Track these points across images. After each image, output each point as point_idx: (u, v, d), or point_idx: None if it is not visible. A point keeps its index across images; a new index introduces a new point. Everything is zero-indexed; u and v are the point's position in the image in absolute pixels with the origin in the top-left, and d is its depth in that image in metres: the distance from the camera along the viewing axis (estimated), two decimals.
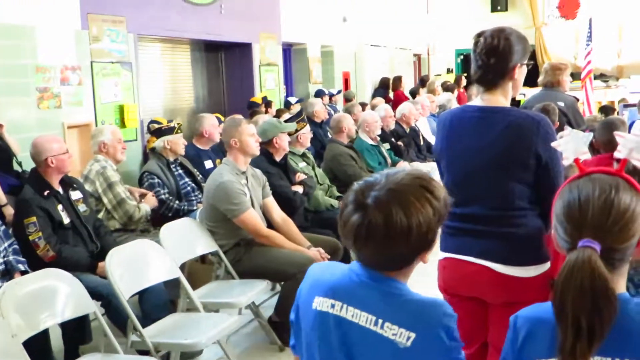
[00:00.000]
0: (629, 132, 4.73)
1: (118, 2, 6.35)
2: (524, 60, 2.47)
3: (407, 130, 8.07)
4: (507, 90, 2.47)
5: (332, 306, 1.61)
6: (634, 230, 1.40)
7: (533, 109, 4.86)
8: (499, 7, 15.59)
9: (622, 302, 1.40)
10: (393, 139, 7.61)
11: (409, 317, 1.55)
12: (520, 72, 2.47)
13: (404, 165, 7.07)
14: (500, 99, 2.46)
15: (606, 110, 8.50)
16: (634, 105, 8.96)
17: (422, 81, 12.65)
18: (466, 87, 12.18)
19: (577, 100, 6.03)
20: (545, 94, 5.74)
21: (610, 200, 1.40)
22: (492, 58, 2.39)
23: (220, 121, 6.22)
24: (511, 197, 2.40)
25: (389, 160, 7.08)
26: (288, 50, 10.46)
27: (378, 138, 7.09)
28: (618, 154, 1.50)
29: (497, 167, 2.41)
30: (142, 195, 4.86)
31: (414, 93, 11.50)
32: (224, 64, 9.05)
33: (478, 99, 2.51)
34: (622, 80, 13.91)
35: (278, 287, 4.75)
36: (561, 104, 5.51)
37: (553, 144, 1.61)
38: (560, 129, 4.64)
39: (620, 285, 1.47)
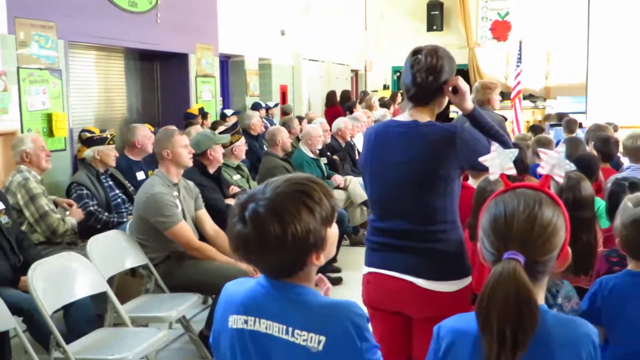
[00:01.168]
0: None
1: (48, 7, 6.15)
2: (451, 77, 2.52)
3: (343, 145, 8.13)
4: (434, 107, 2.53)
5: (246, 322, 1.61)
6: (555, 244, 1.46)
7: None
8: (434, 27, 15.92)
9: (541, 313, 1.44)
10: (329, 153, 7.66)
11: (317, 321, 1.56)
12: (447, 90, 2.52)
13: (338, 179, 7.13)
14: (427, 115, 2.50)
15: (535, 129, 8.77)
16: (559, 124, 9.29)
17: (345, 97, 12.78)
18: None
19: (506, 119, 6.19)
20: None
21: (534, 214, 1.45)
22: (430, 76, 2.43)
23: (152, 132, 6.12)
24: (434, 212, 2.44)
25: (326, 174, 7.12)
26: (225, 62, 10.40)
27: (317, 152, 7.13)
28: (541, 170, 1.55)
29: (419, 182, 2.44)
30: (70, 205, 4.72)
31: (350, 108, 11.61)
32: (159, 74, 8.92)
33: (406, 113, 2.54)
34: (549, 101, 14.40)
35: (210, 301, 4.69)
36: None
37: (480, 159, 1.64)
38: None
39: (540, 297, 1.52)
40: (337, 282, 5.86)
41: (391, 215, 2.49)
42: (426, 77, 2.43)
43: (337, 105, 11.81)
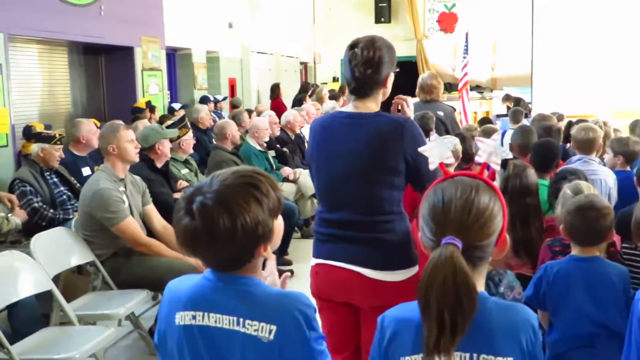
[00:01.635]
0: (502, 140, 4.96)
1: None
2: (392, 69, 2.54)
3: (292, 137, 8.12)
4: (378, 97, 2.54)
5: (194, 317, 1.61)
6: (493, 229, 1.49)
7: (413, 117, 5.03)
8: (382, 19, 16.02)
9: (481, 300, 1.47)
10: (278, 146, 7.65)
11: (267, 311, 1.58)
12: (389, 80, 2.54)
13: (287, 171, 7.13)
14: (371, 106, 2.52)
15: (484, 120, 8.91)
16: (506, 115, 9.47)
17: (305, 88, 12.77)
18: None
19: (455, 110, 6.30)
20: (426, 102, 5.94)
21: (470, 200, 1.48)
22: (368, 70, 2.44)
23: (98, 127, 6.00)
24: (380, 203, 2.46)
25: (274, 167, 7.11)
26: (172, 55, 10.26)
27: (265, 144, 7.11)
28: (479, 158, 1.58)
29: (365, 173, 2.46)
30: (11, 201, 4.59)
31: (300, 100, 11.59)
32: (104, 68, 8.74)
33: (350, 105, 2.55)
34: (495, 92, 14.66)
35: (160, 297, 4.64)
36: (440, 113, 5.73)
37: (420, 149, 1.67)
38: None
39: (480, 283, 1.55)
40: None
41: (338, 206, 2.50)
42: (364, 71, 2.44)
43: (279, 98, 11.74)
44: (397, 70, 2.61)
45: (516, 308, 1.58)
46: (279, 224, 1.66)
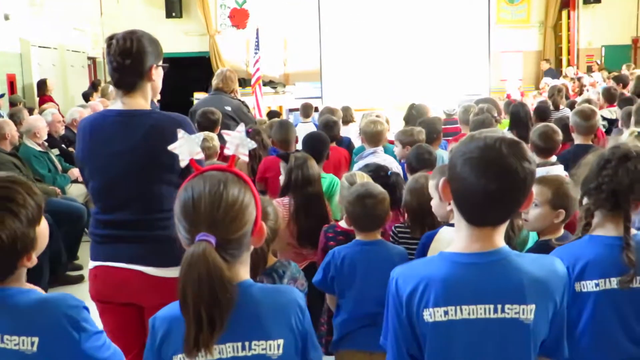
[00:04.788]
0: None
1: None
2: (158, 62, 2.52)
3: None
4: (146, 92, 2.50)
5: None
6: (245, 220, 1.52)
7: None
8: (173, 14, 15.68)
9: (245, 287, 1.52)
10: (63, 145, 7.24)
11: (27, 323, 1.53)
12: (157, 74, 2.52)
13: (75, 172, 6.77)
14: (141, 102, 2.48)
15: (271, 113, 9.08)
16: (297, 109, 9.77)
17: (94, 85, 12.22)
18: None
19: (245, 105, 6.37)
20: (213, 98, 5.96)
21: (219, 194, 1.49)
22: (126, 60, 2.40)
23: None
24: (158, 200, 2.44)
25: (60, 167, 6.72)
26: None
27: (46, 144, 6.69)
28: (227, 150, 1.62)
29: (142, 171, 2.43)
30: None
31: (86, 96, 11.05)
32: None
33: (118, 102, 2.50)
34: (288, 87, 15.06)
35: None
36: (228, 108, 5.78)
37: (169, 147, 1.67)
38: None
39: (243, 273, 1.57)
40: (78, 280, 5.60)
41: (115, 206, 2.45)
42: (122, 61, 2.41)
43: (47, 95, 11.09)
44: (167, 65, 2.59)
45: (282, 290, 1.66)
46: (42, 227, 1.60)
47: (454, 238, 1.71)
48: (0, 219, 1.48)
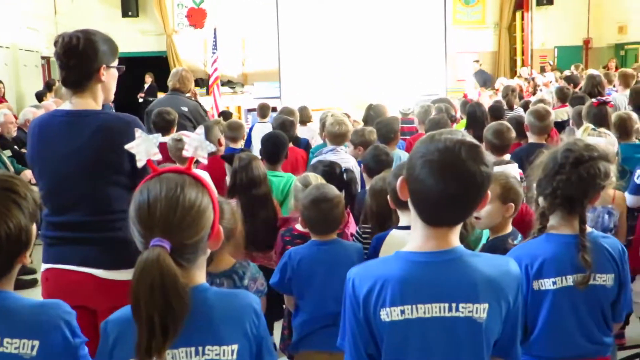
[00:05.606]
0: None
1: None
2: (110, 63, 2.48)
3: None
4: (96, 93, 2.46)
5: None
6: (203, 224, 1.49)
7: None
8: (130, 13, 15.47)
9: (200, 292, 1.49)
10: (16, 147, 7.09)
11: (27, 326, 1.51)
12: (109, 75, 2.48)
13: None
14: (90, 102, 2.45)
15: (224, 115, 8.99)
16: (255, 109, 9.74)
17: (49, 85, 11.98)
18: None
19: (201, 105, 6.31)
20: (170, 98, 5.90)
21: (176, 197, 1.46)
22: (72, 59, 2.37)
23: None
24: (107, 202, 2.42)
25: (12, 169, 6.57)
26: None
27: None
28: (185, 152, 1.59)
29: (90, 172, 2.40)
30: None
31: (40, 96, 10.83)
32: None
33: (67, 103, 2.46)
34: (247, 87, 15.00)
35: None
36: (185, 109, 5.73)
37: (126, 146, 1.65)
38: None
39: (199, 276, 1.55)
40: (32, 284, 5.48)
41: (64, 208, 2.42)
42: (67, 60, 2.37)
43: None
44: (122, 67, 2.55)
45: (237, 295, 1.63)
46: (34, 226, 1.59)
47: (406, 239, 1.72)
48: (7, 207, 1.47)
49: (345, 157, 4.76)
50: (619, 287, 2.25)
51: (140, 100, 14.15)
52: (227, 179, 3.74)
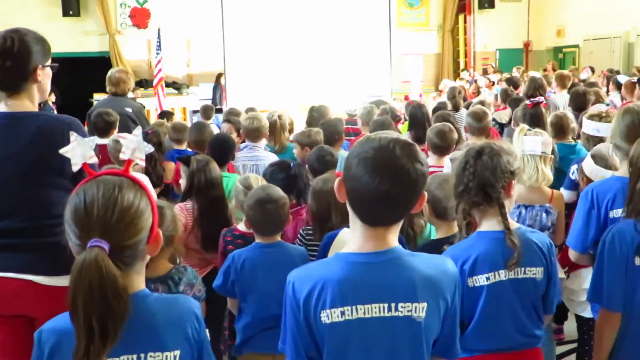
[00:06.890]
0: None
1: None
2: (45, 62, 2.43)
3: None
4: (32, 94, 2.41)
5: None
6: (141, 226, 1.48)
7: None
8: (71, 12, 15.11)
9: (141, 298, 1.47)
10: None
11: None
12: (45, 74, 2.43)
13: None
14: (27, 104, 2.39)
15: (163, 114, 8.84)
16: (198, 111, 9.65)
17: None
18: None
19: (144, 107, 6.23)
20: (113, 99, 5.80)
21: (114, 198, 1.45)
22: (7, 60, 2.31)
23: None
24: (47, 206, 2.36)
25: None
26: None
27: None
28: (122, 155, 1.58)
29: (29, 176, 2.34)
30: None
31: None
32: None
33: (2, 104, 2.39)
34: (192, 88, 14.86)
35: None
36: (129, 110, 5.64)
37: (61, 151, 1.62)
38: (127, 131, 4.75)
39: (138, 282, 1.53)
40: None
41: (2, 214, 2.34)
42: (3, 62, 2.31)
43: None
44: (56, 65, 2.49)
45: (178, 300, 1.62)
46: None
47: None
48: None
49: (262, 155, 4.78)
50: (548, 280, 2.33)
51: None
52: (182, 181, 3.72)
